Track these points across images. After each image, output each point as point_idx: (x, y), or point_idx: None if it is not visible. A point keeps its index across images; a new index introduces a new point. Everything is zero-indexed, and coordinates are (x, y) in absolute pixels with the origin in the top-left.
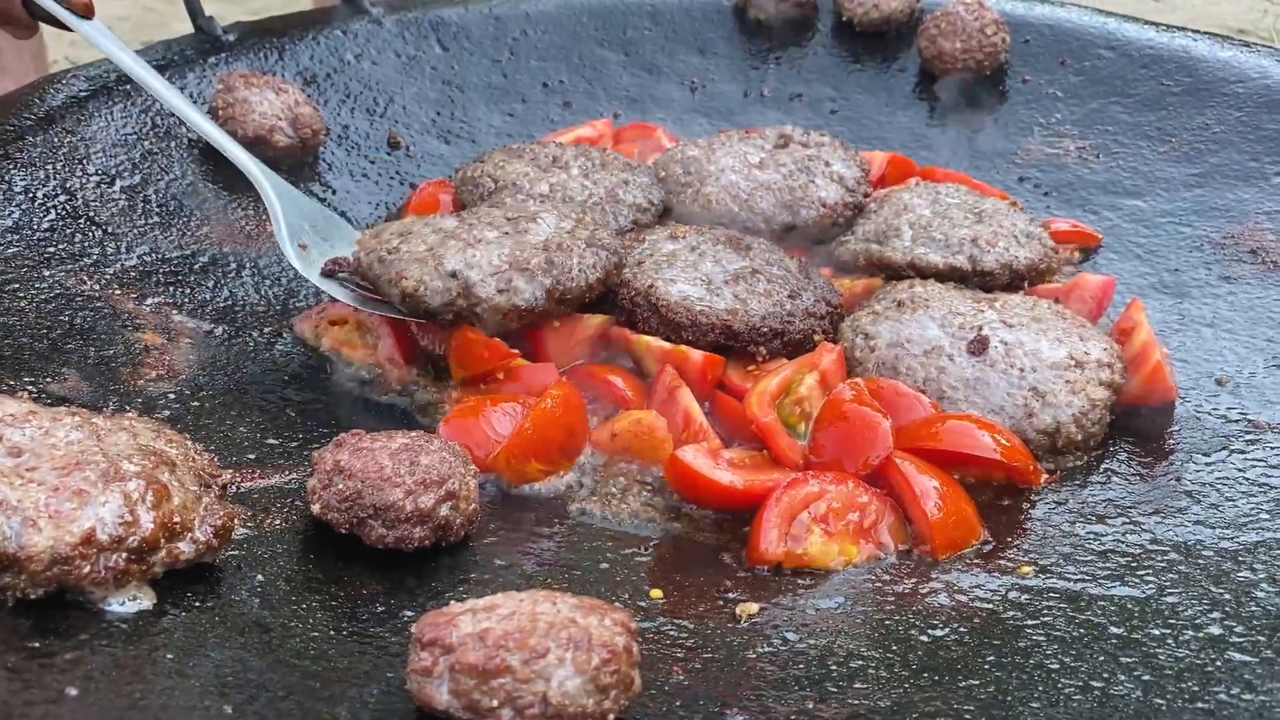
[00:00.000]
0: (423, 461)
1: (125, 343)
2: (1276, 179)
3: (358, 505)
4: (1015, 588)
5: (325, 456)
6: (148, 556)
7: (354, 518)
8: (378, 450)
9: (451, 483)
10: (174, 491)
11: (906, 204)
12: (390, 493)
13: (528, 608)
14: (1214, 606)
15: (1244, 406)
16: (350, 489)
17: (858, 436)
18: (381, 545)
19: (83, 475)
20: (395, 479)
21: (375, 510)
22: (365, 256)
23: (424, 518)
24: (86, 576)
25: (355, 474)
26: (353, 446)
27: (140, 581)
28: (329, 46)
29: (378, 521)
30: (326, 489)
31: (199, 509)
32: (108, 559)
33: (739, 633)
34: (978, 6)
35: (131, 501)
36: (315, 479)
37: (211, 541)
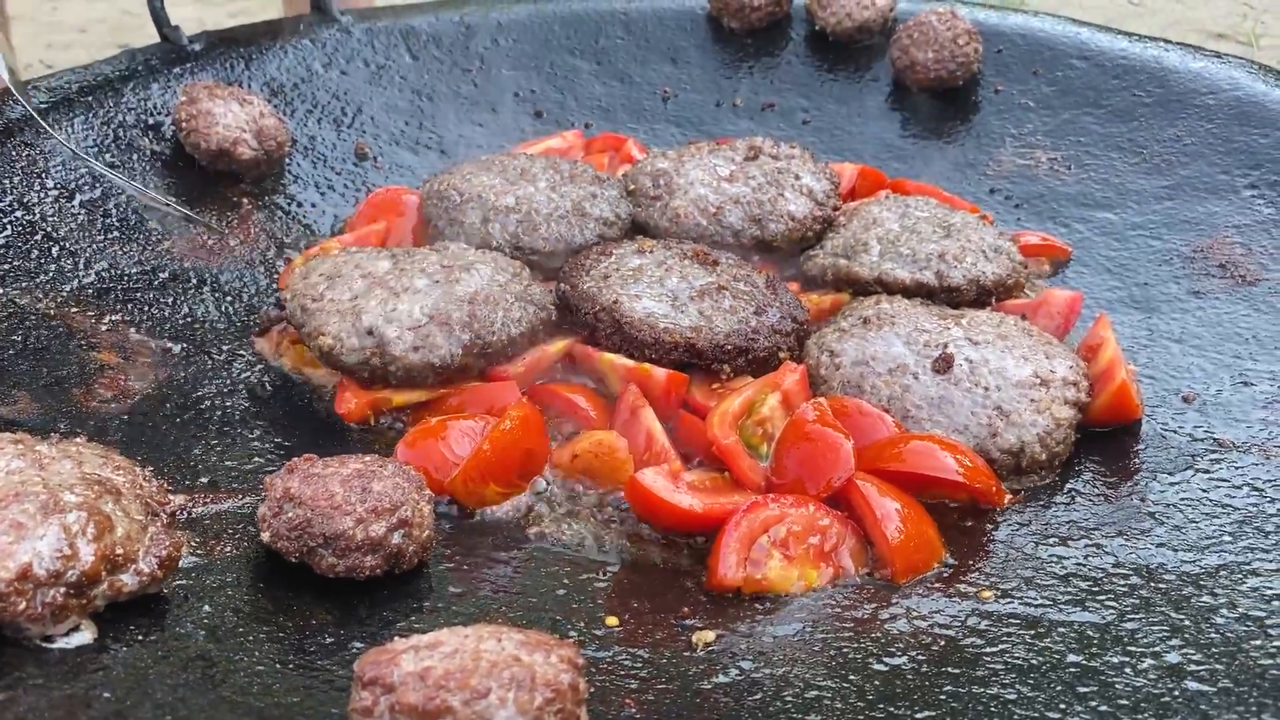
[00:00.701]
0: (375, 488)
1: (80, 362)
2: (1246, 192)
3: (307, 534)
4: (975, 613)
5: (276, 483)
6: (88, 590)
7: (304, 546)
8: (329, 477)
9: (404, 510)
10: (117, 522)
11: (875, 218)
12: (340, 521)
13: (471, 645)
14: (1173, 633)
15: (1210, 425)
16: (300, 517)
17: (820, 458)
18: (332, 574)
19: (21, 508)
20: (346, 507)
21: (325, 539)
22: (291, 301)
23: (375, 546)
24: (22, 613)
25: (305, 501)
26: (304, 473)
27: (80, 615)
28: (297, 56)
29: (328, 550)
30: (276, 517)
31: (144, 539)
32: (45, 594)
33: (695, 662)
34: (950, 16)
35: (71, 534)
36: (265, 506)
37: (156, 573)
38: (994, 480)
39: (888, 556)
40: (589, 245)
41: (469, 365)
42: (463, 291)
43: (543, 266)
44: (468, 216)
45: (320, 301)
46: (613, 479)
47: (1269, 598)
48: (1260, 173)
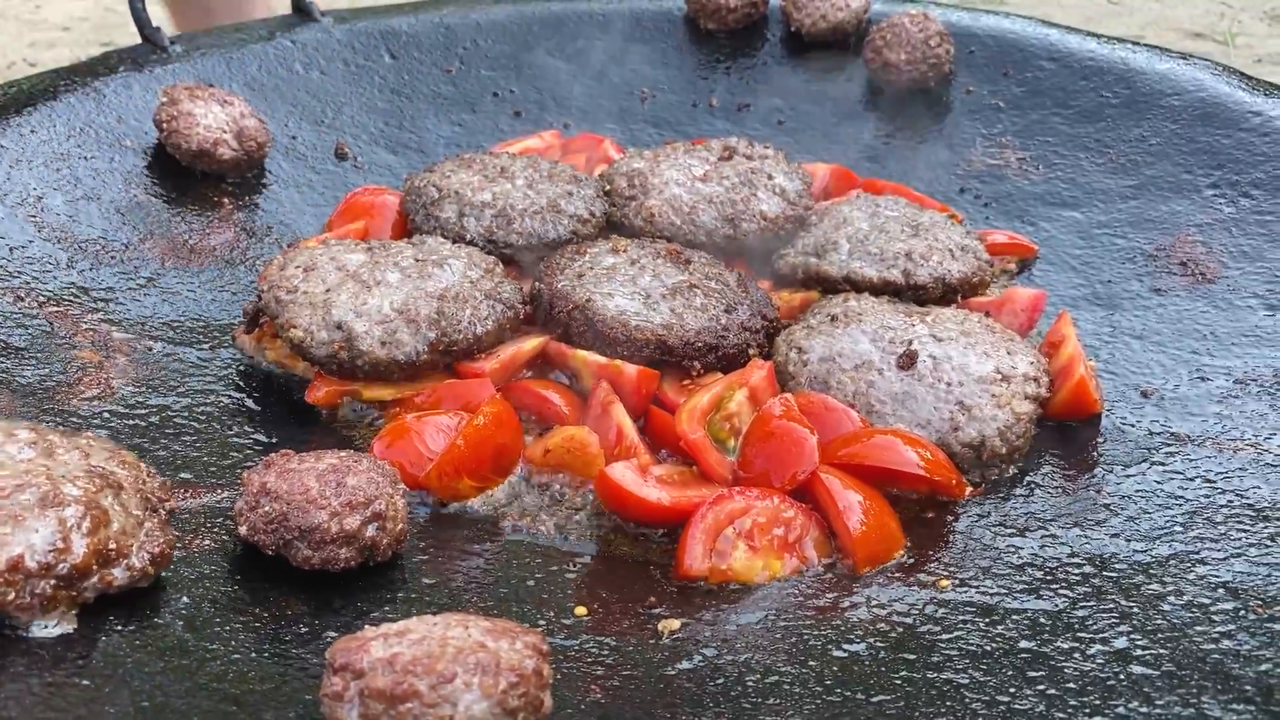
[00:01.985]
0: (349, 483)
1: (62, 361)
2: (1208, 191)
3: (284, 527)
4: (933, 601)
5: (253, 478)
6: (78, 583)
7: (280, 539)
8: (304, 472)
9: (378, 503)
10: (114, 516)
11: (846, 217)
12: (315, 515)
13: (439, 632)
14: (1122, 620)
15: (1167, 419)
16: (276, 511)
17: (784, 452)
18: (308, 566)
19: (21, 498)
20: (321, 501)
21: (301, 532)
22: (266, 292)
23: (350, 539)
24: (11, 603)
25: (281, 496)
26: (280, 468)
27: (68, 607)
28: (277, 56)
29: (303, 543)
30: (253, 511)
31: (139, 535)
32: (35, 586)
33: (660, 649)
34: (923, 18)
35: (66, 528)
36: (242, 500)
37: (147, 568)
38: (954, 473)
39: (849, 547)
40: (563, 241)
41: (435, 362)
42: (433, 287)
43: (517, 261)
44: (444, 211)
45: (294, 294)
46: (585, 474)
47: (1214, 585)
48: (1222, 172)
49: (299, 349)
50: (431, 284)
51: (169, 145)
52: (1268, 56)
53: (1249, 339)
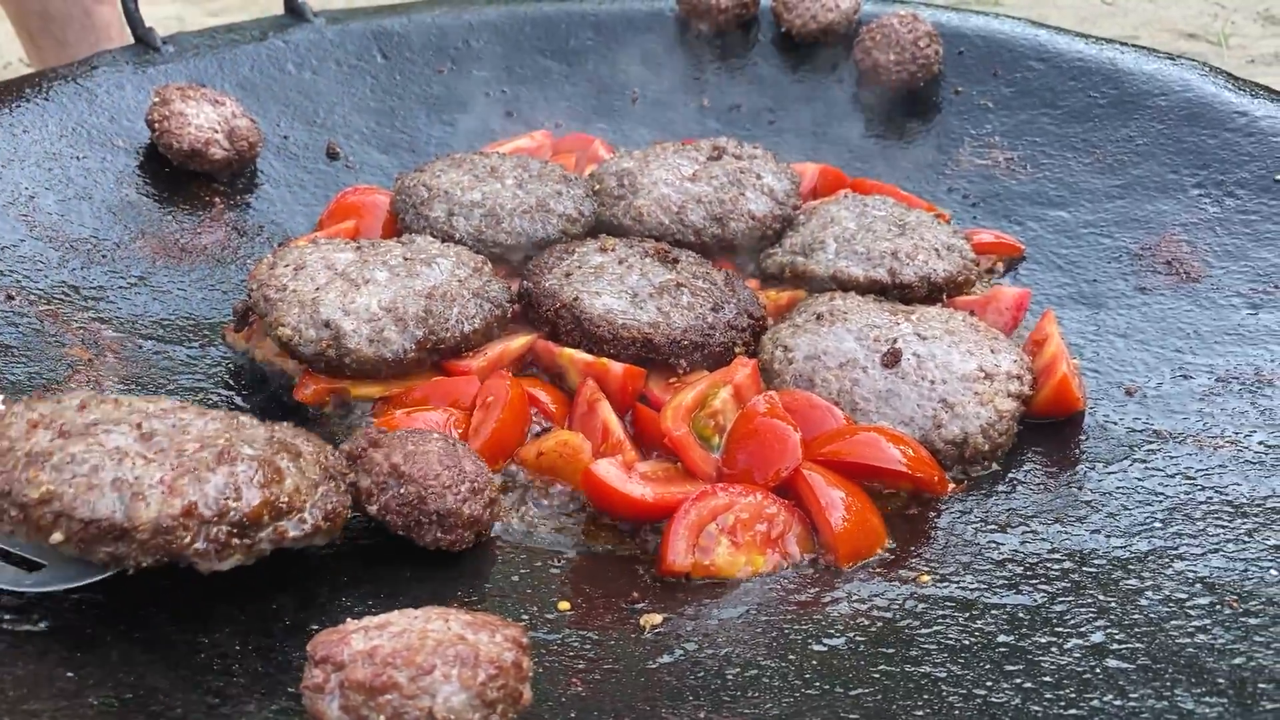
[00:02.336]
0: (467, 468)
1: (52, 359)
2: (1194, 191)
3: (420, 510)
4: (913, 596)
5: (376, 458)
6: (251, 532)
7: (413, 521)
8: (428, 455)
9: (490, 490)
10: (288, 475)
11: (833, 217)
12: (451, 499)
13: (419, 625)
14: (1100, 614)
15: (1149, 416)
16: (412, 493)
17: (768, 448)
18: (434, 547)
19: (200, 456)
20: (454, 486)
21: (438, 516)
22: (256, 290)
23: (474, 522)
24: (187, 546)
25: (416, 479)
26: (401, 449)
27: (244, 556)
28: (270, 57)
29: (436, 526)
30: (384, 492)
31: (313, 495)
32: (209, 531)
33: (642, 643)
34: (912, 19)
35: (238, 480)
36: (369, 480)
37: (320, 524)
38: (936, 470)
39: (831, 543)
40: (551, 240)
41: (422, 360)
42: (421, 286)
43: (506, 260)
44: (434, 211)
45: (283, 292)
46: (575, 479)
47: (1191, 580)
48: (1208, 172)
49: (287, 347)
50: (419, 282)
51: (161, 145)
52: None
53: (1231, 337)
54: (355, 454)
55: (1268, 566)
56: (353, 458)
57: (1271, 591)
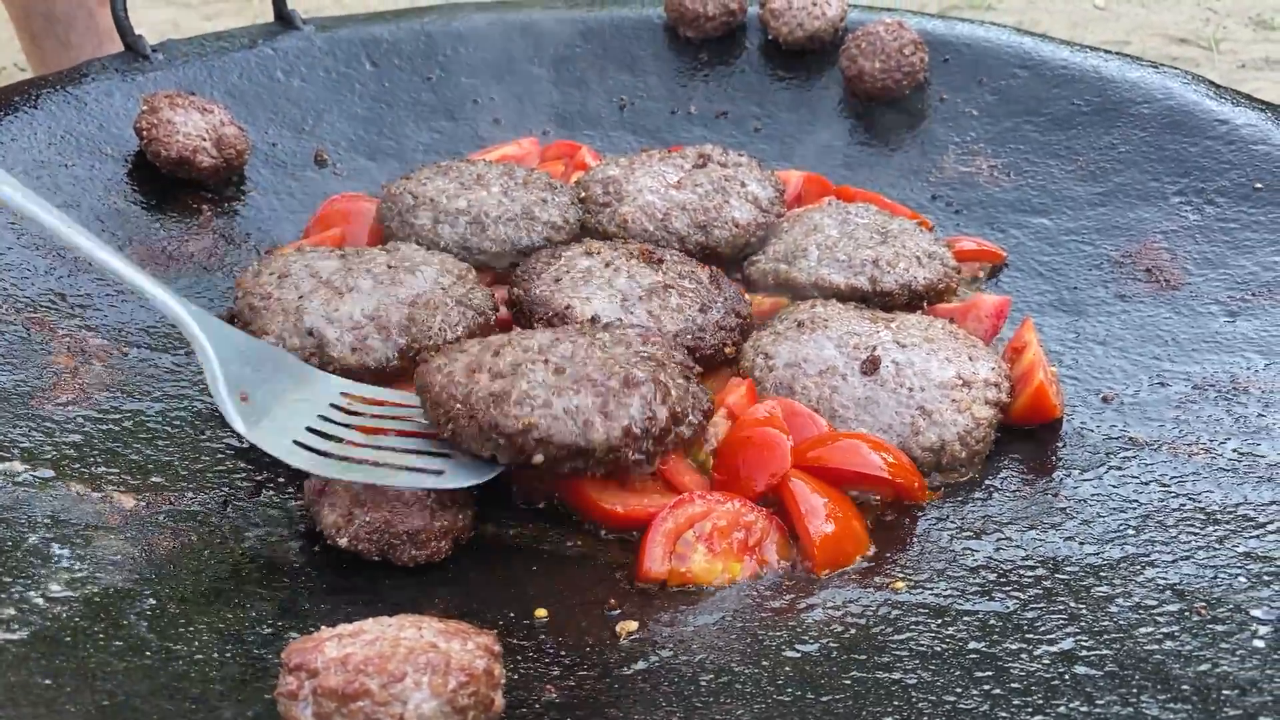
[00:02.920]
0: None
1: (38, 366)
2: (1175, 199)
3: (389, 534)
4: (887, 603)
5: (337, 490)
6: (665, 439)
7: (385, 545)
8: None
9: (461, 494)
10: (672, 387)
11: (816, 224)
12: (417, 517)
13: (391, 633)
14: (1070, 621)
15: (1126, 424)
16: (378, 519)
17: (760, 455)
18: (413, 563)
19: (611, 384)
20: (418, 504)
21: (408, 536)
22: (241, 298)
23: (446, 531)
24: (628, 459)
25: (379, 505)
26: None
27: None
28: (259, 64)
29: (409, 545)
30: (350, 523)
31: (689, 399)
32: (641, 445)
33: (617, 650)
34: (897, 27)
35: (648, 401)
36: (334, 514)
37: (701, 423)
38: (917, 476)
39: (809, 549)
40: (536, 248)
41: (406, 368)
42: (404, 294)
43: (491, 267)
44: (419, 218)
45: (267, 301)
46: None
47: (1162, 587)
48: (1188, 180)
49: None
50: (403, 290)
51: (149, 153)
52: (1251, 62)
53: (1209, 345)
54: (318, 488)
55: (1236, 574)
56: (317, 493)
57: (1239, 599)
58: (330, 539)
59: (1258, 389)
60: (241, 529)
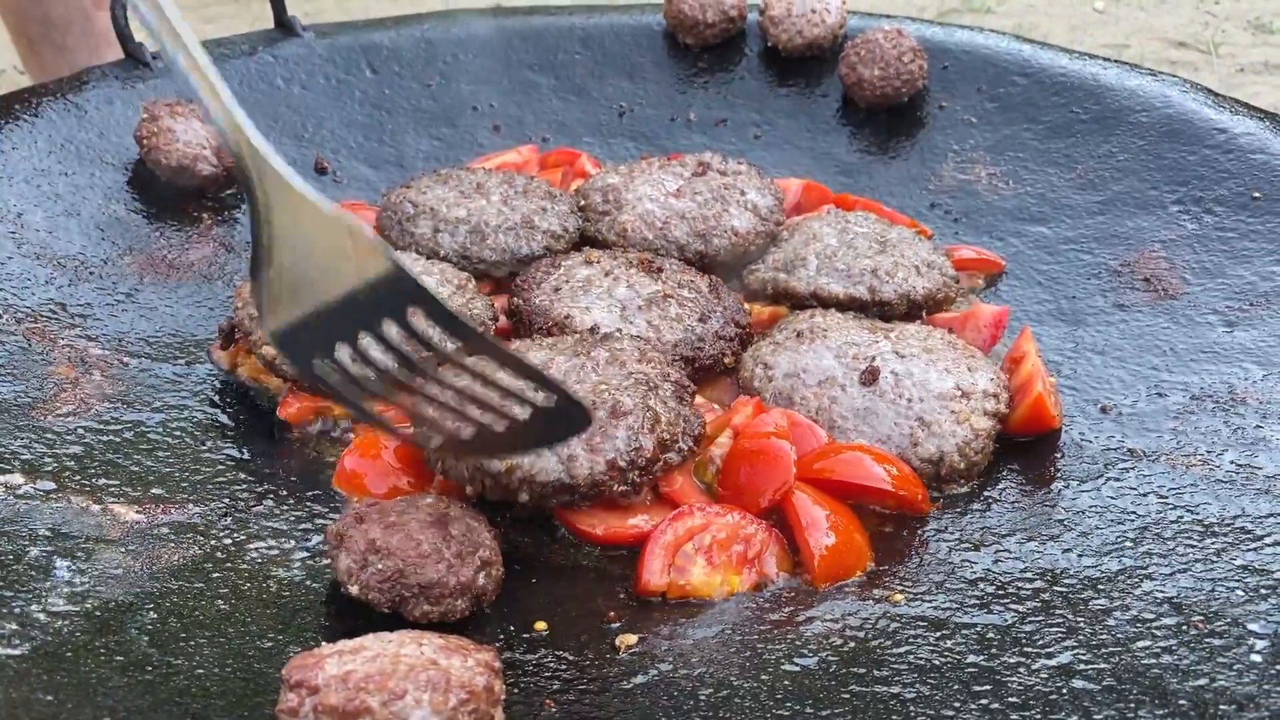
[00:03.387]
0: (454, 532)
1: (38, 377)
2: (1173, 207)
3: (401, 585)
4: (886, 616)
5: (354, 535)
6: (651, 467)
7: (396, 597)
8: (409, 524)
9: (484, 551)
10: (661, 413)
11: (816, 233)
12: (432, 570)
13: (392, 649)
14: (1068, 634)
15: (1124, 434)
16: (391, 568)
17: (762, 468)
18: (425, 620)
19: (598, 415)
20: (435, 555)
21: (421, 589)
22: (241, 308)
23: (465, 589)
24: (615, 490)
25: (394, 552)
26: (381, 522)
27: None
28: (259, 71)
29: (422, 599)
30: (364, 570)
31: (680, 424)
32: (626, 476)
33: (617, 664)
34: (896, 35)
35: (635, 432)
36: (348, 559)
37: (693, 448)
38: (920, 488)
39: (808, 562)
40: (536, 257)
41: None
42: None
43: (490, 276)
44: (419, 227)
45: None
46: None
47: (1160, 600)
48: (1187, 189)
49: (271, 366)
50: None
51: (149, 161)
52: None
53: (1207, 355)
54: (340, 533)
55: (1234, 587)
56: (338, 537)
57: (1236, 612)
58: (343, 586)
59: (1255, 400)
60: (242, 541)
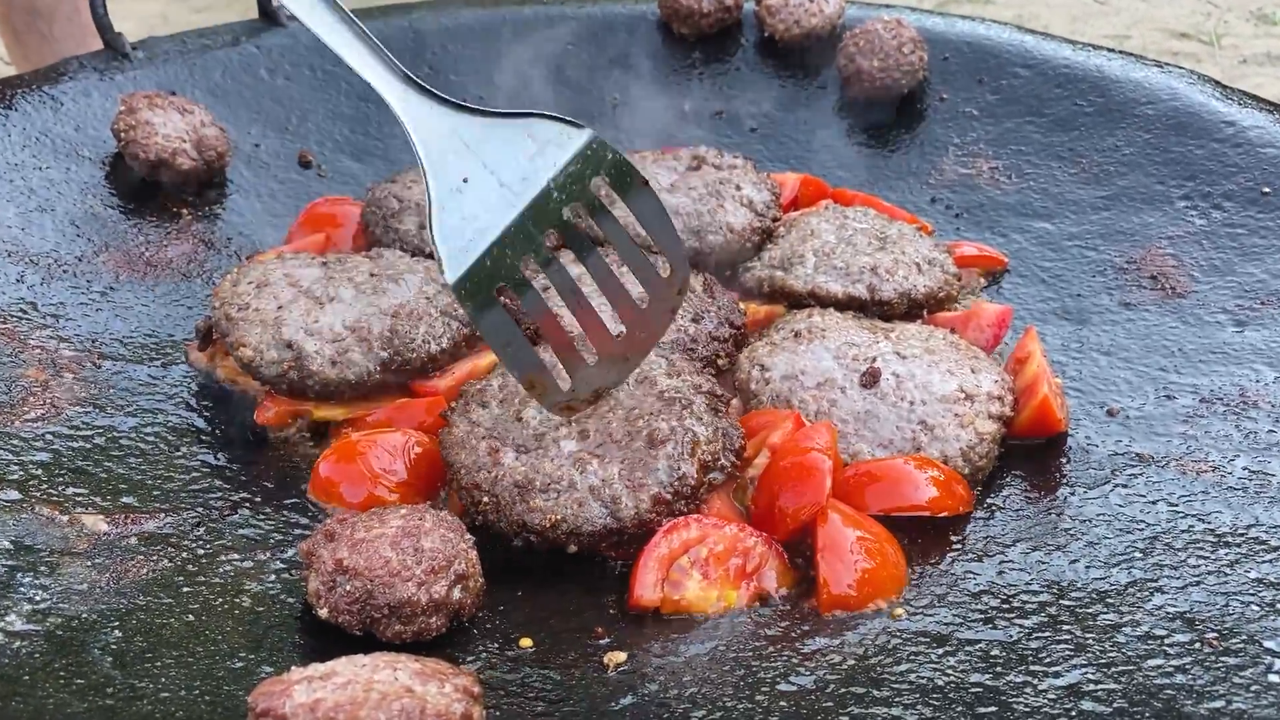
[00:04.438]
0: (426, 546)
1: (6, 380)
2: (1180, 203)
3: (370, 606)
4: (886, 631)
5: (322, 555)
6: (699, 494)
7: (367, 618)
8: (377, 541)
9: (459, 564)
10: (700, 435)
11: (813, 229)
12: (402, 588)
13: (365, 675)
14: (1076, 652)
15: (1132, 438)
16: (359, 589)
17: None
18: (399, 640)
19: (636, 447)
20: (404, 572)
21: (391, 609)
22: (218, 308)
23: (439, 606)
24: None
25: (361, 572)
26: (349, 540)
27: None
28: (242, 62)
29: (394, 619)
30: (332, 592)
31: (719, 439)
32: (675, 506)
33: (605, 683)
34: (896, 25)
35: (675, 460)
36: (317, 581)
37: (734, 463)
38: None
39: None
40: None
41: (387, 381)
42: (387, 304)
43: None
44: (404, 223)
45: (245, 311)
46: None
47: (1171, 616)
48: (1194, 184)
49: (249, 368)
50: (386, 300)
51: (127, 155)
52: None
53: (1216, 356)
54: (310, 552)
55: (1249, 602)
56: (309, 556)
57: (1252, 629)
58: (314, 609)
59: (1267, 403)
60: (214, 553)
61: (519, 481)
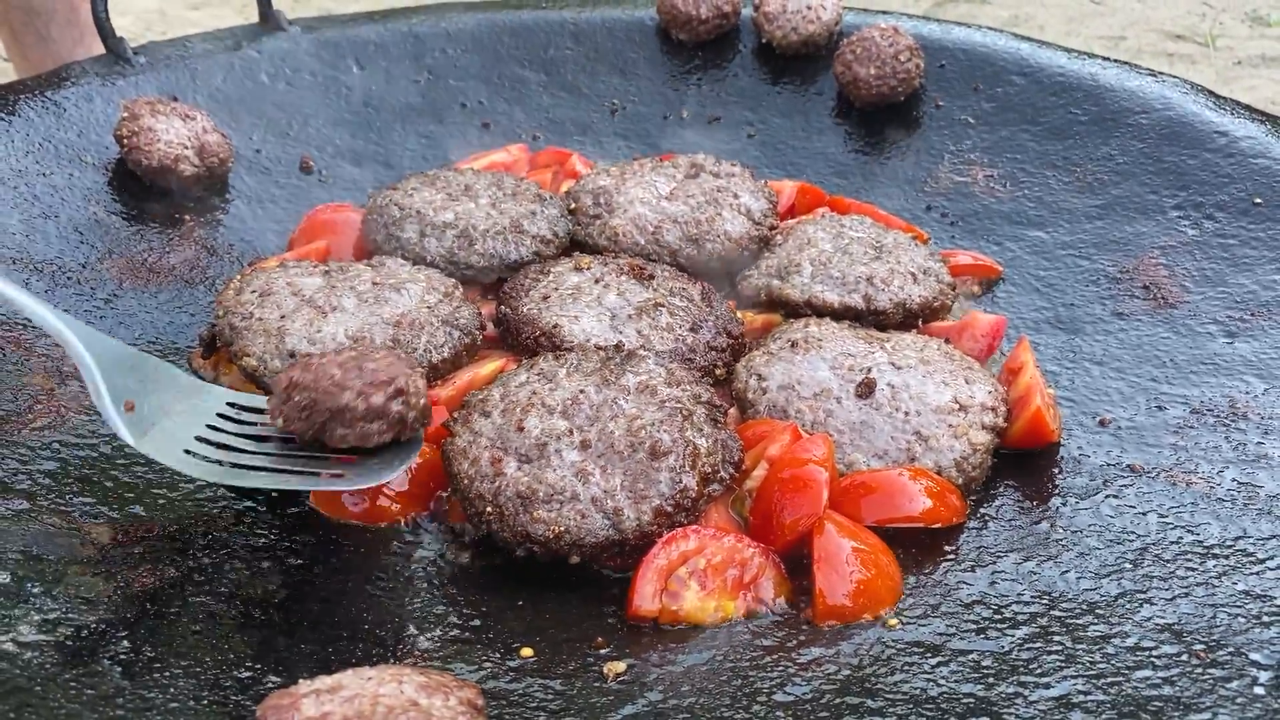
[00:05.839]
0: (368, 366)
1: (12, 389)
2: (1173, 212)
3: (315, 411)
4: (880, 641)
5: (280, 378)
6: (698, 506)
7: (314, 424)
8: (327, 363)
9: (399, 380)
10: (701, 447)
11: (810, 238)
12: (342, 396)
13: (371, 689)
14: (1067, 662)
15: (1123, 449)
16: (306, 399)
17: (791, 499)
18: (344, 445)
19: (638, 458)
20: (346, 384)
21: (332, 414)
22: (222, 317)
23: (379, 414)
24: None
25: (308, 386)
26: (304, 364)
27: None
28: (243, 67)
29: (337, 424)
30: (286, 404)
31: (719, 451)
32: (675, 518)
33: (605, 692)
34: (893, 33)
35: (677, 472)
36: (274, 399)
37: (732, 475)
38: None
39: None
40: (525, 262)
41: None
42: (389, 313)
43: (478, 281)
44: (405, 232)
45: (249, 320)
46: None
47: (1160, 627)
48: (1187, 193)
49: (252, 378)
50: (388, 310)
51: (130, 161)
52: (1247, 59)
53: (1207, 366)
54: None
55: (1235, 614)
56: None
57: (1239, 641)
58: (273, 422)
59: (1256, 415)
60: (220, 562)
61: (522, 492)
